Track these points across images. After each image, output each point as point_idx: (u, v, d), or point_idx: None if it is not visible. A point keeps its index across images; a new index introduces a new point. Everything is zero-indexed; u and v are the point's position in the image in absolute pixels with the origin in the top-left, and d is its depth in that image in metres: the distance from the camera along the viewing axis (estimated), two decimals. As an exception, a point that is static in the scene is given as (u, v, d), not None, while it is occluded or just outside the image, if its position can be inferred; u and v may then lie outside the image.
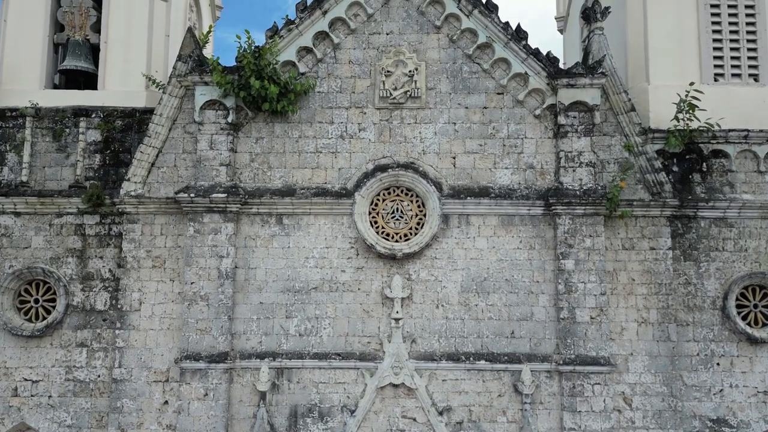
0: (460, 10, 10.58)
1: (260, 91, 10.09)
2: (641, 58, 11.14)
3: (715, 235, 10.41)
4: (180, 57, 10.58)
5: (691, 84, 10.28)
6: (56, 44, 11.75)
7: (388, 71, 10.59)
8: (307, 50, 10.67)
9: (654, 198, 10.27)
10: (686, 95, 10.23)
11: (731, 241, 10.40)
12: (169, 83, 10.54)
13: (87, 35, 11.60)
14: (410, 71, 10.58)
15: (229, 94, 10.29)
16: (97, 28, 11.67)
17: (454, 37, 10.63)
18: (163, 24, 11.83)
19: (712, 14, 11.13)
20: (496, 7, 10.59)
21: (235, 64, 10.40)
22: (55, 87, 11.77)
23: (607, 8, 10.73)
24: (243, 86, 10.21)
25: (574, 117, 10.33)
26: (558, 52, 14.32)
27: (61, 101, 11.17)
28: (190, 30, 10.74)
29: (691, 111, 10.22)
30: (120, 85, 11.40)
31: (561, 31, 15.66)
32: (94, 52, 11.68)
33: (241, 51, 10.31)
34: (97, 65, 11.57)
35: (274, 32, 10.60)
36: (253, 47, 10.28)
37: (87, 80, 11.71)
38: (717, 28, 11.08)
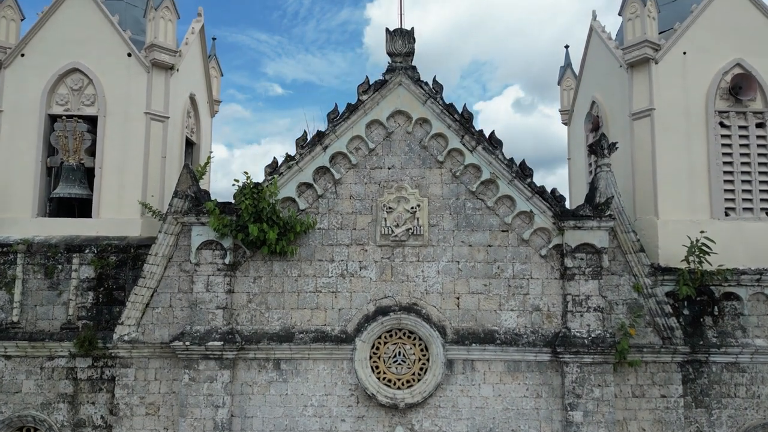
0: (464, 145, 10.31)
1: (259, 235, 9.81)
2: (649, 190, 10.84)
3: (726, 380, 10.09)
4: (176, 193, 10.29)
5: (702, 232, 9.99)
6: (49, 167, 11.47)
7: (389, 207, 10.31)
8: (308, 185, 10.40)
9: (665, 344, 9.95)
10: (697, 241, 9.93)
11: (743, 387, 10.08)
12: (165, 220, 10.24)
13: (81, 159, 11.34)
14: (412, 207, 10.30)
15: (227, 235, 10.00)
16: (91, 151, 11.41)
17: (457, 173, 10.35)
18: (159, 144, 11.58)
19: (723, 145, 10.86)
20: (500, 143, 10.32)
21: (233, 201, 10.14)
22: (49, 206, 11.48)
23: (614, 143, 10.45)
24: (241, 228, 9.93)
25: (582, 259, 10.02)
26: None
27: (54, 230, 10.92)
28: (186, 166, 10.42)
29: (702, 255, 9.92)
30: (115, 212, 11.13)
31: (566, 124, 15.39)
32: (88, 174, 11.41)
33: (239, 190, 10.02)
34: (91, 187, 11.31)
35: (273, 168, 10.34)
36: (251, 186, 9.99)
37: (81, 203, 11.45)
38: (728, 160, 10.80)
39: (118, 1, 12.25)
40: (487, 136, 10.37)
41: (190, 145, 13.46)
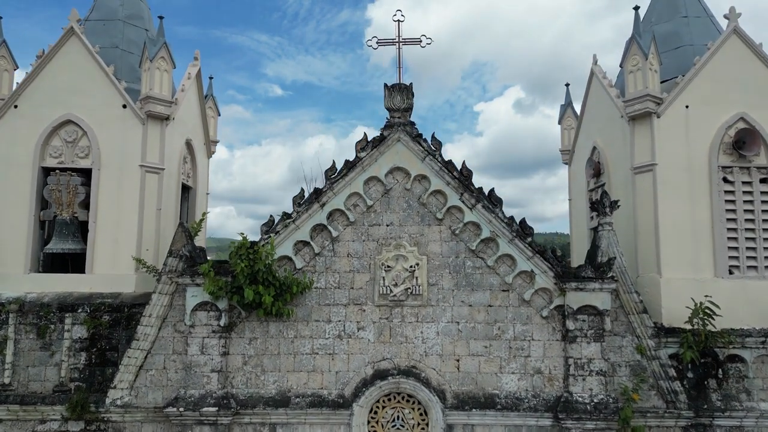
0: (463, 202, 10.15)
1: (255, 297, 9.63)
2: (652, 247, 10.64)
3: (732, 444, 9.90)
4: (171, 252, 10.11)
5: (707, 296, 9.80)
6: (42, 221, 11.27)
7: (388, 266, 10.13)
8: (305, 243, 10.23)
9: (668, 407, 9.75)
10: (700, 304, 9.75)
11: (749, 451, 9.88)
12: (160, 280, 10.06)
13: (75, 212, 11.15)
14: (411, 266, 10.12)
15: (222, 296, 9.82)
16: (85, 204, 11.22)
17: (457, 230, 10.18)
18: (154, 197, 11.38)
19: (727, 201, 10.66)
20: (500, 201, 10.16)
21: (228, 261, 9.96)
22: (42, 261, 11.28)
23: (615, 202, 10.27)
24: (236, 290, 9.75)
25: (583, 321, 9.83)
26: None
27: (47, 286, 10.74)
28: (182, 224, 10.25)
29: (706, 318, 9.73)
30: (109, 267, 10.92)
31: (566, 163, 15.22)
32: (82, 228, 11.23)
33: (235, 251, 9.83)
34: (85, 241, 11.12)
35: (269, 227, 10.16)
36: (247, 246, 9.81)
37: (75, 257, 11.25)
38: (732, 216, 10.60)
39: (113, 48, 12.12)
40: (486, 193, 10.21)
41: (186, 189, 13.29)
